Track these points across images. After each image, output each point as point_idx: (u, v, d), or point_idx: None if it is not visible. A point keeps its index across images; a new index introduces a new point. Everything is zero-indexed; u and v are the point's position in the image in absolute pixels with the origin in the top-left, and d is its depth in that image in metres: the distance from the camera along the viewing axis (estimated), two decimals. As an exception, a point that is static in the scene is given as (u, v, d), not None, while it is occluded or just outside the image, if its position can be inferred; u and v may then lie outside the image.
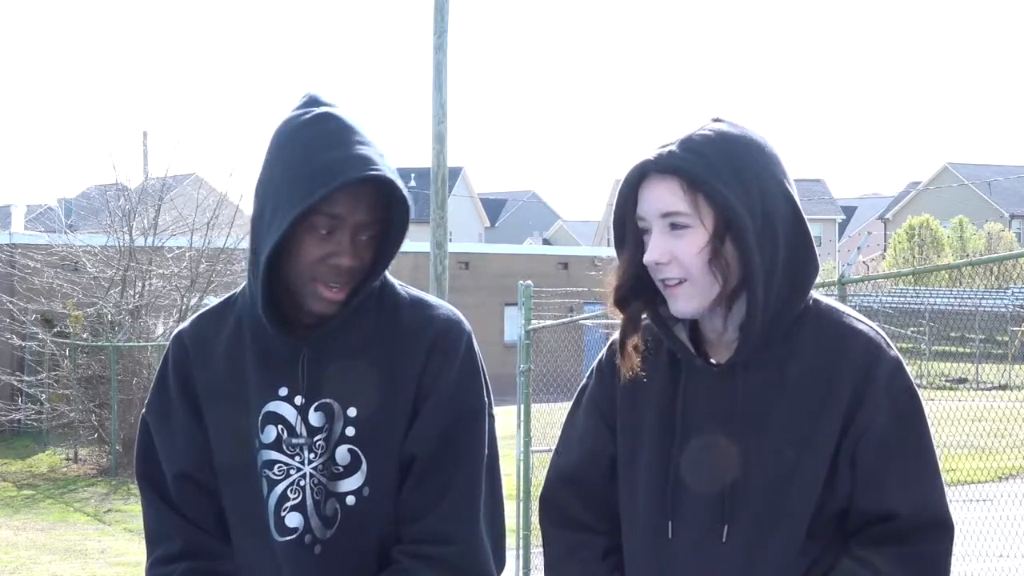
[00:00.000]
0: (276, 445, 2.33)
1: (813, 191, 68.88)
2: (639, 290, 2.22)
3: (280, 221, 2.20)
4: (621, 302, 2.23)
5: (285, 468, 2.33)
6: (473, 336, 2.41)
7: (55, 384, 20.45)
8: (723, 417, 2.18)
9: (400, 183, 2.24)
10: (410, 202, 2.29)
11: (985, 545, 8.26)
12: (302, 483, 2.32)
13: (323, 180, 2.18)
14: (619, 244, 2.22)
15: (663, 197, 2.13)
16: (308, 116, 2.27)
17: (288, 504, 2.32)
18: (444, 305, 2.42)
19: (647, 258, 2.15)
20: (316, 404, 2.32)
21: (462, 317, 2.42)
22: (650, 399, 2.26)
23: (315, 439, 2.32)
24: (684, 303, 2.15)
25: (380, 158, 2.23)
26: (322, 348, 2.33)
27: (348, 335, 2.33)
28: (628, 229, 2.20)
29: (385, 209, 2.28)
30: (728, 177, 2.09)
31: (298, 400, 2.33)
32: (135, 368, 18.89)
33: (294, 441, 2.33)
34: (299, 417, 2.33)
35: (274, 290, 2.30)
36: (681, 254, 2.12)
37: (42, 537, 13.31)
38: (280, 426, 2.33)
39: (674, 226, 2.13)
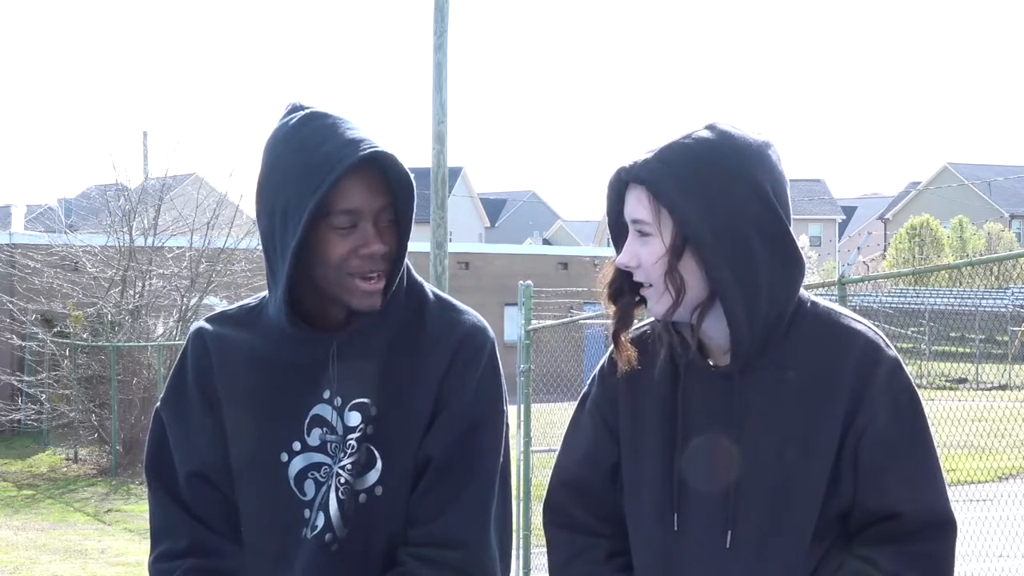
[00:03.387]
0: (321, 448, 2.33)
1: (813, 191, 68.90)
2: (632, 285, 2.24)
3: (295, 222, 2.21)
4: (614, 295, 2.26)
5: (327, 469, 2.33)
6: (496, 344, 2.41)
7: (55, 384, 20.44)
8: (723, 419, 2.19)
9: (398, 157, 2.25)
10: (411, 175, 2.28)
11: (985, 545, 8.26)
12: (329, 482, 2.32)
13: (325, 171, 2.19)
14: (616, 242, 2.27)
15: (633, 204, 2.18)
16: (295, 120, 2.28)
17: (317, 503, 2.33)
18: (470, 311, 2.42)
19: (617, 261, 2.22)
20: (352, 404, 2.32)
21: (487, 324, 2.42)
22: (651, 401, 2.27)
23: (348, 438, 2.32)
24: (653, 305, 2.21)
25: (373, 138, 2.24)
26: (350, 346, 2.33)
27: (374, 333, 2.33)
28: (622, 227, 2.24)
29: (392, 189, 2.28)
30: (693, 191, 2.11)
31: (337, 401, 2.33)
32: (135, 368, 18.89)
33: (332, 441, 2.33)
34: (337, 417, 2.33)
35: (300, 294, 2.30)
36: (644, 260, 2.18)
37: (42, 537, 13.31)
38: (324, 428, 2.33)
39: (641, 233, 2.18)
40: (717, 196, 2.11)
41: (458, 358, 2.33)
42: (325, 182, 2.19)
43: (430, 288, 2.42)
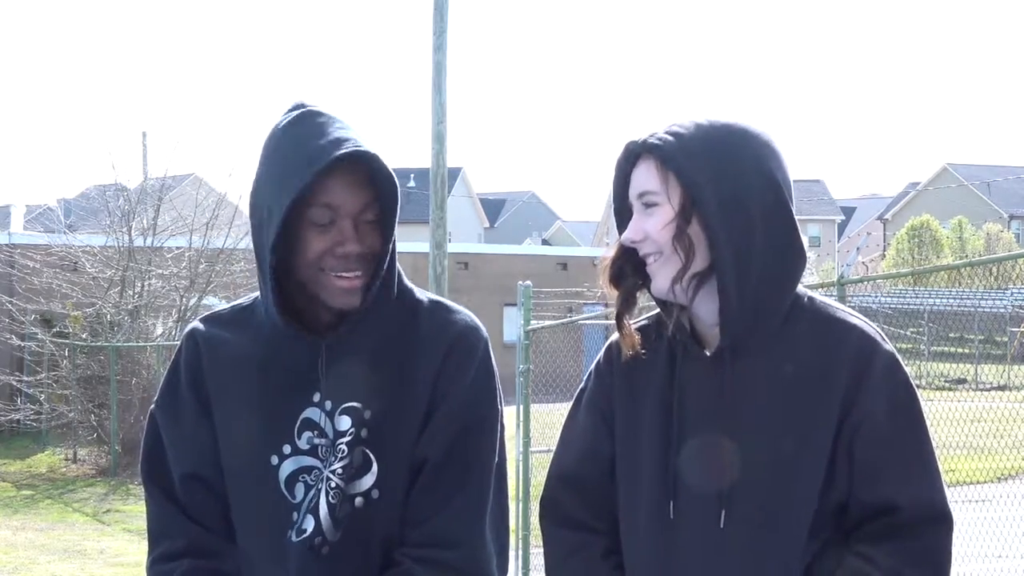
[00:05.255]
0: (312, 451, 2.33)
1: (812, 191, 68.87)
2: (633, 268, 2.25)
3: (275, 216, 2.22)
4: (615, 278, 2.27)
5: (318, 472, 2.33)
6: (489, 343, 2.41)
7: (54, 384, 20.43)
8: (717, 408, 2.20)
9: (381, 156, 2.24)
10: (395, 176, 2.28)
11: (984, 545, 8.27)
12: (319, 486, 2.32)
13: (304, 168, 2.20)
14: (620, 228, 2.27)
15: (641, 176, 2.21)
16: (290, 119, 2.29)
17: (305, 506, 2.33)
18: (463, 311, 2.42)
19: (623, 237, 2.23)
20: (343, 407, 2.32)
21: (480, 324, 2.42)
22: (648, 391, 2.28)
23: (338, 442, 2.31)
24: (660, 279, 2.21)
25: (360, 138, 2.24)
26: (341, 348, 2.32)
27: (365, 334, 2.33)
28: (626, 213, 2.26)
29: (377, 189, 2.28)
30: (700, 156, 2.15)
31: (327, 404, 2.32)
32: (134, 368, 18.88)
33: (321, 445, 2.33)
34: (327, 420, 2.32)
35: (287, 291, 2.30)
36: (651, 230, 2.19)
37: (41, 537, 13.30)
38: (314, 432, 2.33)
39: (647, 205, 2.20)
40: (724, 167, 2.14)
41: (451, 358, 2.33)
42: (303, 179, 2.19)
43: (422, 291, 2.42)
